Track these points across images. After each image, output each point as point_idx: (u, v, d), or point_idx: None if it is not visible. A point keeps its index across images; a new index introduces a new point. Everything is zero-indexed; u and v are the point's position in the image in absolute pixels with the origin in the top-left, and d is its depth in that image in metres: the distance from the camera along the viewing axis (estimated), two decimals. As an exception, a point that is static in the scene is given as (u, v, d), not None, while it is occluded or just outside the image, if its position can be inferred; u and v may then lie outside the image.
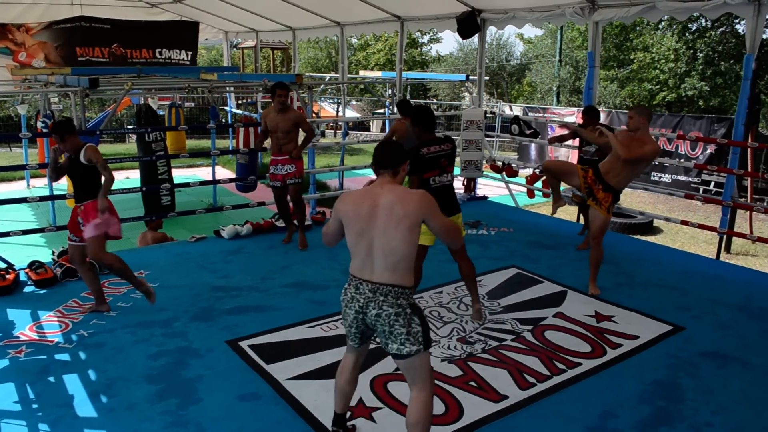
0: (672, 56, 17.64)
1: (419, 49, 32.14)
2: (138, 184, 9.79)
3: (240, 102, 17.66)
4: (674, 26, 17.16)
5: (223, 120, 18.68)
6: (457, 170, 9.33)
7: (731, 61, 15.93)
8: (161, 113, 13.76)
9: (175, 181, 10.27)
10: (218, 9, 13.47)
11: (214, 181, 9.30)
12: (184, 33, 13.58)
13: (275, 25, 14.18)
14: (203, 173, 14.81)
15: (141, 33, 12.79)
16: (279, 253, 6.59)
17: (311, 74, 26.37)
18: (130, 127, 18.17)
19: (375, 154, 3.11)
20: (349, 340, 3.16)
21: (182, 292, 5.48)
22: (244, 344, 4.48)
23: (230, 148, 14.79)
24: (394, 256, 2.91)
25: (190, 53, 13.61)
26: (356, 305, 2.99)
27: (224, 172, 14.85)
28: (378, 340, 3.07)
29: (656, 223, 12.23)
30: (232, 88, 13.45)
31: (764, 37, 15.71)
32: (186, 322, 4.86)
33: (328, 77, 21.76)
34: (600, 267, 5.65)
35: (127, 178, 14.18)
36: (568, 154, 15.18)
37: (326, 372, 4.05)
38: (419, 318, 2.97)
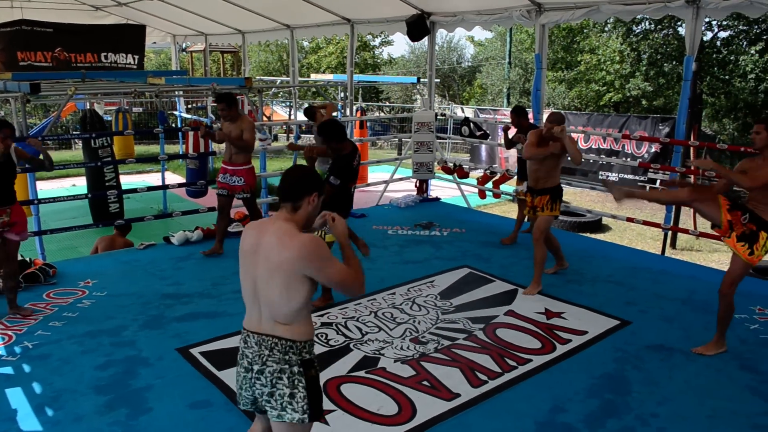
0: (617, 58, 18.11)
1: (371, 52, 32.20)
2: (85, 191, 9.56)
3: (190, 106, 17.41)
4: (619, 29, 17.60)
5: (173, 124, 18.38)
6: (409, 172, 9.44)
7: (674, 63, 16.43)
8: (108, 118, 13.48)
9: (124, 188, 10.07)
10: (165, 12, 13.25)
11: (164, 187, 9.14)
12: (130, 36, 13.29)
13: (224, 28, 14.03)
14: (153, 179, 14.55)
15: (85, 37, 12.46)
16: (230, 258, 6.52)
17: (262, 77, 26.13)
18: (76, 133, 17.73)
19: (281, 180, 2.63)
20: (240, 402, 2.63)
21: (131, 300, 5.37)
22: (195, 351, 4.42)
23: (180, 153, 14.57)
24: (274, 307, 2.47)
25: (136, 57, 13.33)
26: (245, 362, 2.54)
27: (174, 178, 14.61)
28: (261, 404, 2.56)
29: (605, 221, 12.52)
30: (181, 92, 13.24)
31: (704, 39, 16.27)
32: (135, 331, 4.77)
33: (279, 80, 21.60)
34: (550, 264, 5.76)
35: (74, 185, 13.84)
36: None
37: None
38: (307, 381, 2.48)
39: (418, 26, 9.32)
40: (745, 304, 5.50)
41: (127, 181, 13.43)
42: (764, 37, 15.24)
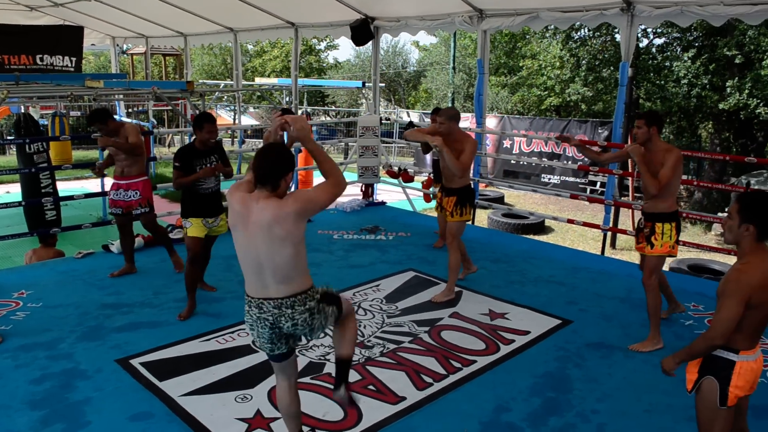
0: (557, 63, 18.50)
1: (316, 56, 32.12)
2: (19, 198, 9.22)
3: (130, 110, 17.01)
4: (558, 35, 17.99)
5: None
6: (354, 176, 9.44)
7: (611, 68, 16.89)
8: (44, 123, 13.03)
9: (61, 194, 9.75)
10: (104, 13, 12.91)
11: (103, 193, 8.87)
12: (67, 38, 12.88)
13: (166, 30, 13.76)
14: (91, 185, 14.12)
15: (19, 38, 12.03)
16: (172, 266, 6.39)
17: (205, 81, 25.76)
18: (10, 138, 17.09)
19: (254, 162, 2.88)
20: (276, 352, 3.04)
21: (68, 311, 5.20)
22: (135, 362, 4.30)
23: (121, 159, 14.17)
24: (284, 270, 2.84)
25: (74, 59, 12.94)
26: (267, 323, 2.92)
27: (146, 183, 14.23)
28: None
29: (548, 222, 12.78)
30: (121, 96, 12.93)
31: (641, 46, 16.79)
32: (72, 343, 4.61)
33: (222, 84, 21.32)
34: (495, 265, 5.82)
35: (8, 192, 13.35)
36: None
37: (222, 385, 3.97)
38: (327, 302, 2.99)
39: (363, 31, 9.35)
40: (680, 301, 5.68)
41: (64, 187, 13.02)
42: (696, 44, 15.82)
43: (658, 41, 17.31)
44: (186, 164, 5.18)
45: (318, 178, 14.07)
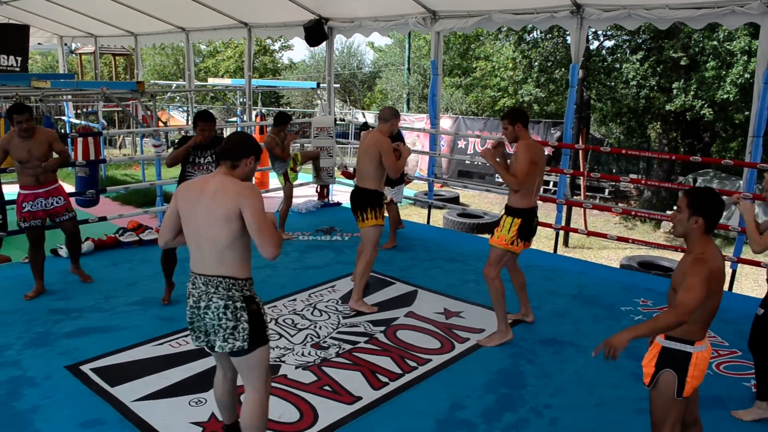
0: (510, 65, 18.76)
1: (271, 56, 31.87)
2: (-39, 203, 8.88)
3: (79, 111, 16.60)
4: (511, 37, 18.25)
5: (61, 130, 17.48)
6: (309, 177, 9.40)
7: (563, 70, 17.21)
8: (-13, 124, 12.61)
9: (6, 198, 9.44)
10: (51, 12, 12.57)
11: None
12: (12, 37, 12.51)
13: (115, 30, 13.46)
14: (39, 188, 13.74)
15: (-40, 36, 11.67)
16: (124, 269, 6.27)
17: (157, 81, 25.31)
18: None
19: (224, 141, 2.99)
20: (197, 342, 2.95)
21: (15, 317, 5.04)
22: (85, 368, 4.21)
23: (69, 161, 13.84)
24: (219, 244, 2.79)
25: (19, 59, 12.58)
26: (191, 300, 2.88)
27: (64, 187, 13.88)
28: (209, 339, 2.89)
29: (502, 222, 12.94)
30: (69, 97, 12.60)
31: (591, 48, 17.15)
32: (20, 350, 4.48)
33: (174, 85, 20.99)
34: (450, 264, 5.84)
35: (-51, 196, 12.86)
36: (417, 159, 15.69)
37: (175, 390, 3.91)
38: (249, 314, 2.82)
39: (316, 31, 9.32)
40: (629, 296, 5.86)
41: (10, 191, 12.61)
42: (644, 47, 16.24)
43: (609, 43, 17.72)
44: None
45: (274, 179, 13.97)
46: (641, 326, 2.72)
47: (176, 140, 5.35)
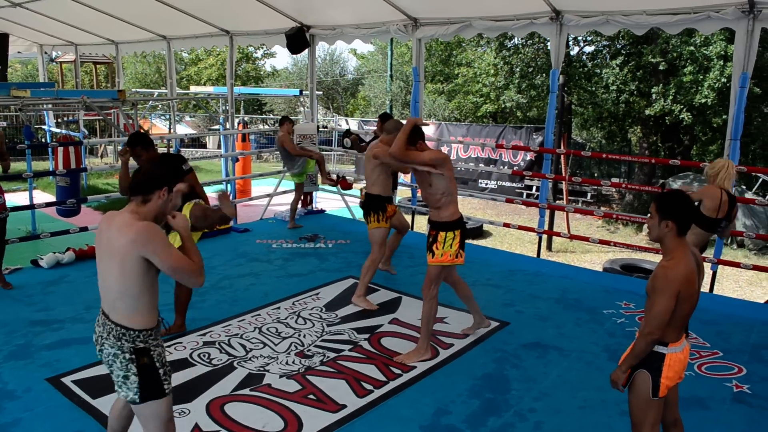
0: (492, 71, 18.86)
1: (253, 64, 31.81)
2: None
3: (60, 120, 16.47)
4: (492, 43, 18.36)
5: (42, 139, 17.32)
6: (292, 184, 9.37)
7: (544, 76, 17.33)
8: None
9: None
10: (30, 20, 12.45)
11: (31, 206, 8.58)
12: (-9, 46, 12.44)
13: (96, 38, 13.37)
14: (19, 198, 13.59)
15: (-62, 46, 11.54)
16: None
17: (138, 90, 25.14)
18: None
19: (133, 175, 2.87)
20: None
21: (-6, 329, 4.99)
22: (66, 380, 4.16)
23: (50, 170, 13.72)
24: (111, 293, 2.68)
25: (-2, 68, 12.49)
26: (95, 338, 2.79)
27: (44, 196, 13.74)
28: None
29: (486, 227, 13.00)
30: (50, 106, 12.49)
31: (572, 53, 17.29)
32: (-1, 362, 4.43)
33: (156, 93, 20.88)
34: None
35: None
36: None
37: (159, 400, 3.88)
38: (138, 366, 2.67)
39: (298, 39, 9.32)
40: (611, 299, 5.90)
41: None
42: (624, 52, 16.41)
43: (589, 49, 17.88)
44: None
45: (256, 187, 13.95)
46: (627, 358, 2.91)
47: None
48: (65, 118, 16.84)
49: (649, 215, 2.90)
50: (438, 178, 4.42)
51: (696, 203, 4.80)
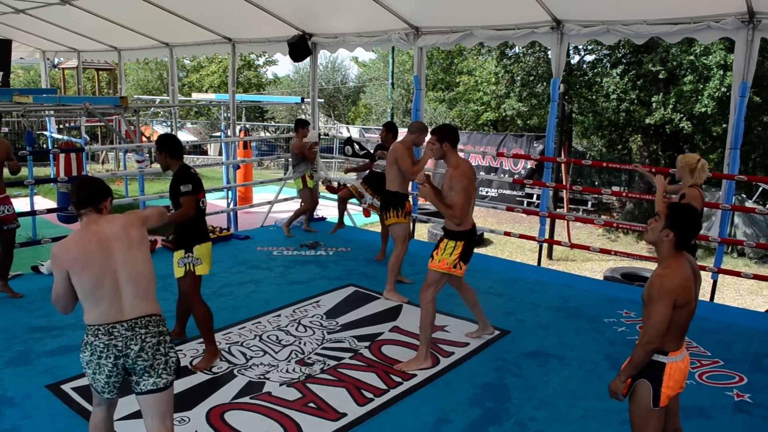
0: (493, 79, 18.92)
1: (255, 71, 31.91)
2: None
3: (61, 126, 16.51)
4: (493, 52, 18.41)
5: (43, 146, 17.36)
6: (294, 192, 9.39)
7: (545, 84, 17.39)
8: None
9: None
10: (33, 26, 12.51)
11: (32, 213, 8.58)
12: (-6, 52, 12.48)
13: (98, 44, 13.42)
14: (21, 204, 13.60)
15: (-59, 51, 11.58)
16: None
17: (140, 96, 25.21)
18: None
19: (73, 192, 2.92)
20: (105, 394, 2.89)
21: (-6, 336, 4.99)
22: (66, 387, 4.15)
23: (51, 177, 13.75)
24: (144, 279, 2.85)
25: (1, 73, 12.52)
26: (114, 351, 2.77)
27: (45, 203, 13.77)
28: (134, 380, 2.87)
29: (487, 235, 13.00)
30: (52, 112, 12.52)
31: (573, 62, 17.34)
32: (-1, 369, 4.43)
33: (158, 100, 20.93)
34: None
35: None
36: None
37: (159, 407, 3.87)
38: (173, 346, 2.94)
39: (300, 47, 9.35)
40: (612, 308, 5.90)
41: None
42: (624, 61, 16.46)
43: (589, 58, 17.92)
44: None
45: (258, 195, 13.96)
46: (625, 369, 2.91)
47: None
48: (67, 125, 16.88)
49: (655, 217, 2.90)
50: (450, 192, 4.45)
51: None
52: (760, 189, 13.84)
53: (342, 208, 8.09)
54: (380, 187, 6.70)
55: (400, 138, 6.49)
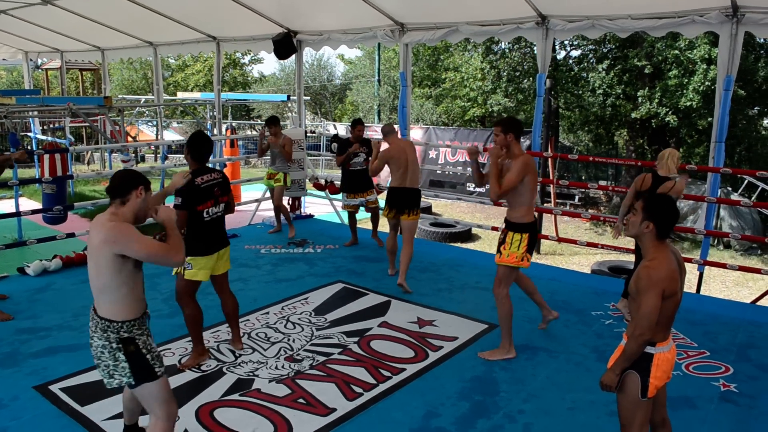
0: (479, 75, 18.94)
1: (241, 70, 31.79)
2: (-76, 222, 8.71)
3: (46, 127, 16.38)
4: (479, 48, 18.45)
5: (28, 147, 17.21)
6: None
7: (531, 80, 17.44)
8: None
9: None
10: (15, 27, 12.39)
11: (17, 214, 8.50)
12: (-25, 53, 12.35)
13: (81, 44, 13.32)
14: (5, 206, 13.50)
15: None
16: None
17: (125, 96, 25.07)
18: None
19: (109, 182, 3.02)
20: (105, 380, 3.04)
21: (-21, 337, 4.94)
22: (54, 388, 4.13)
23: (36, 177, 13.63)
24: (94, 287, 2.90)
25: (-17, 76, 12.41)
26: (90, 333, 2.97)
27: (31, 204, 13.64)
28: None
29: (474, 230, 13.03)
30: (35, 113, 12.43)
31: (559, 57, 17.39)
32: (-15, 371, 4.39)
33: (143, 99, 20.81)
34: (422, 273, 5.99)
35: None
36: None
37: (147, 406, 3.86)
38: (126, 354, 2.89)
39: (285, 45, 9.33)
40: (600, 301, 5.94)
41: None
42: (610, 56, 16.54)
43: (575, 53, 18.00)
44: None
45: (245, 193, 13.92)
46: (618, 362, 2.90)
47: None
48: (51, 125, 16.75)
49: (633, 212, 2.92)
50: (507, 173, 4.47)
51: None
52: (746, 182, 13.95)
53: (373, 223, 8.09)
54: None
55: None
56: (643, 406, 2.89)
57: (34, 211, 8.14)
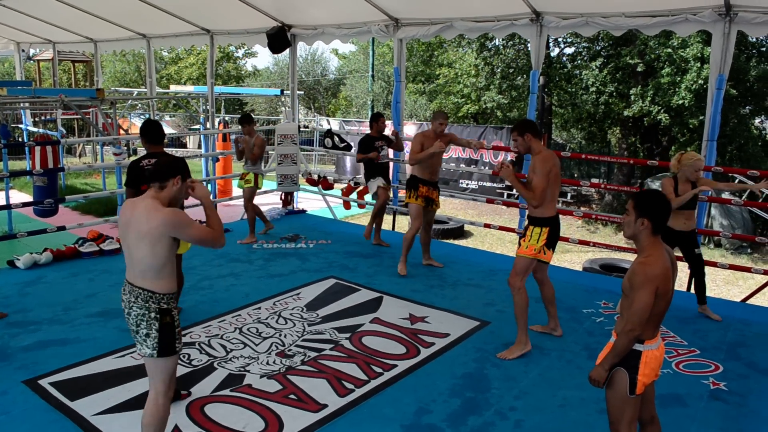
0: (473, 72, 18.97)
1: (234, 63, 31.66)
2: None
3: (37, 119, 16.26)
4: (473, 44, 18.45)
5: (19, 138, 17.10)
6: (274, 184, 9.35)
7: (524, 76, 17.47)
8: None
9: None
10: (7, 17, 12.28)
11: (8, 206, 8.46)
12: (-34, 44, 12.24)
13: (74, 36, 13.22)
14: (-4, 198, 13.43)
15: None
16: (83, 280, 6.14)
17: (118, 89, 24.90)
18: None
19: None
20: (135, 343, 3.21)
21: (-31, 331, 4.91)
22: (44, 382, 4.10)
23: (27, 170, 13.55)
24: (142, 265, 3.06)
25: (-27, 67, 12.30)
26: (123, 305, 3.15)
27: (21, 196, 13.58)
28: None
29: (467, 227, 13.05)
30: (27, 104, 12.33)
31: (552, 55, 17.41)
32: (-26, 365, 4.36)
33: (136, 92, 20.69)
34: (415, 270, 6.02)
35: None
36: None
37: (138, 402, 3.82)
38: (160, 326, 3.07)
39: (279, 38, 9.29)
40: (591, 298, 5.96)
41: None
42: (603, 54, 16.58)
43: (569, 50, 18.03)
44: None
45: (238, 187, 13.88)
46: (608, 357, 2.91)
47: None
48: (43, 117, 16.64)
49: (625, 212, 2.93)
50: (533, 175, 4.52)
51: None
52: (737, 181, 14.01)
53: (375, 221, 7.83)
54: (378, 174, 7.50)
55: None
56: (631, 403, 2.90)
57: (25, 204, 8.10)
